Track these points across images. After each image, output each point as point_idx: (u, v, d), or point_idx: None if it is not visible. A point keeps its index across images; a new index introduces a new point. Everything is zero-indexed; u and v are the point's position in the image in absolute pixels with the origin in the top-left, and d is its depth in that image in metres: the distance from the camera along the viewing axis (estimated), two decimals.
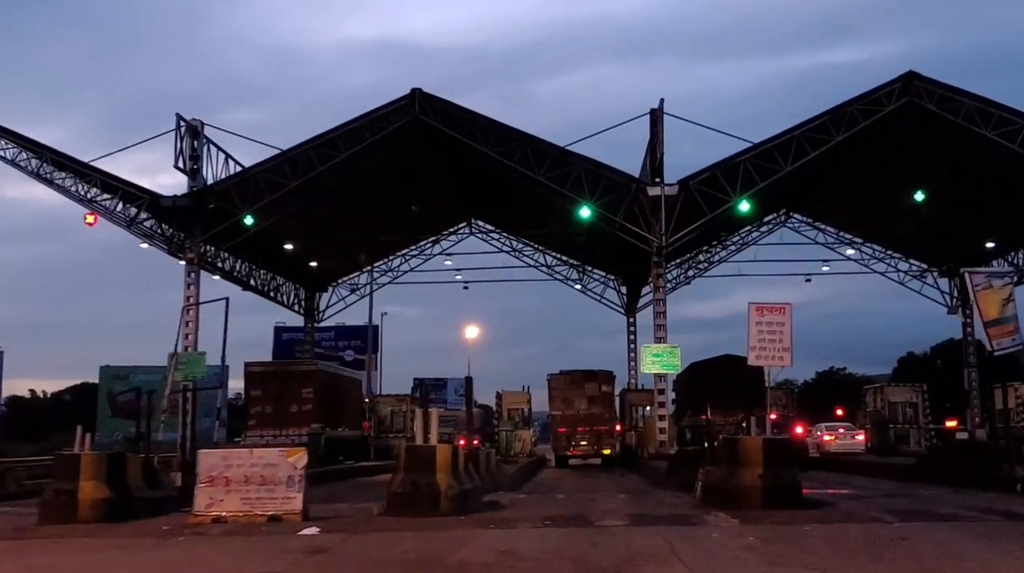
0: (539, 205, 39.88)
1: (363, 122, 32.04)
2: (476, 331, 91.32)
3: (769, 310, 15.58)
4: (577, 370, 39.04)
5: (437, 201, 42.85)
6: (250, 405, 34.52)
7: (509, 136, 31.91)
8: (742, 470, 14.42)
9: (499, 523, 13.09)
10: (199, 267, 33.61)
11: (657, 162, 32.12)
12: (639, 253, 36.17)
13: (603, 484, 23.47)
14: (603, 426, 37.79)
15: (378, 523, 13.56)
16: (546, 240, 46.98)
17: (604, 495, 18.61)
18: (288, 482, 14.17)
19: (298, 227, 38.76)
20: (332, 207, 38.55)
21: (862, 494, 17.13)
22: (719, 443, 15.66)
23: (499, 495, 18.20)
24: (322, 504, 17.74)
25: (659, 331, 32.61)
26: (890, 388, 40.68)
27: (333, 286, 49.37)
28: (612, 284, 49.30)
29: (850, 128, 31.27)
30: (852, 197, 43.02)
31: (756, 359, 15.55)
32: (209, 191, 32.38)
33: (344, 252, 45.40)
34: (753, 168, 31.33)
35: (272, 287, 44.25)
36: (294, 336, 60.42)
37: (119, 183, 32.26)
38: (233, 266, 40.21)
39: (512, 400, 41.78)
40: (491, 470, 20.31)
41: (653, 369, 32.44)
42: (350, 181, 36.14)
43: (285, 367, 35.00)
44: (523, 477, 24.73)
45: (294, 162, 32.27)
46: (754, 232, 48.16)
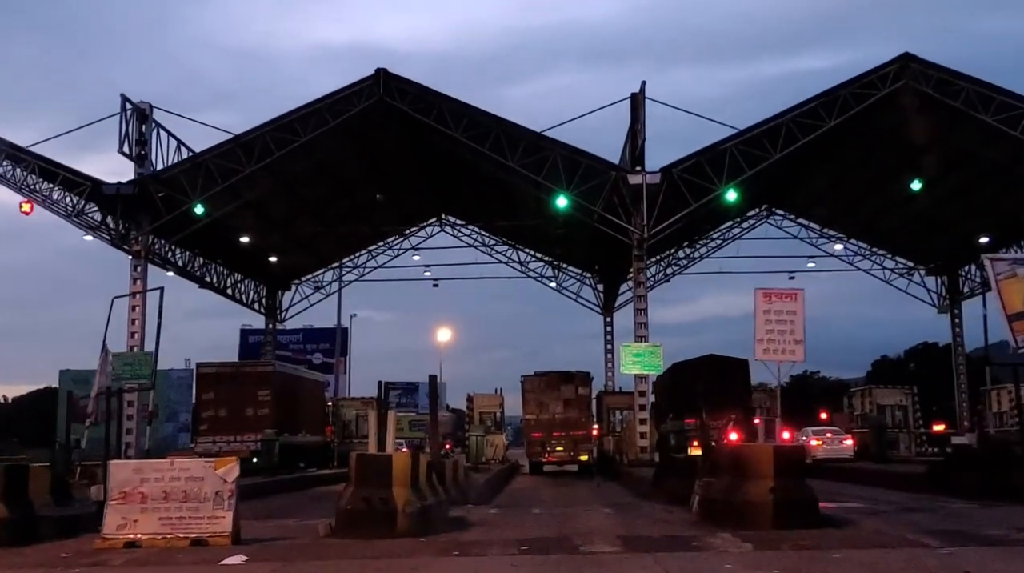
0: (513, 197, 37.86)
1: (324, 104, 29.90)
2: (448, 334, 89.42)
3: (779, 297, 13.53)
4: (552, 371, 36.61)
5: (405, 193, 40.72)
6: (201, 409, 32.11)
7: (480, 120, 29.85)
8: (749, 483, 12.36)
9: (465, 548, 10.97)
10: (146, 261, 31.29)
11: (638, 150, 30.20)
12: (618, 247, 34.23)
13: (583, 495, 21.36)
14: (580, 431, 35.37)
15: (320, 548, 11.40)
16: (520, 235, 44.91)
17: (586, 509, 16.51)
18: (216, 499, 11.95)
19: (255, 219, 36.46)
20: (292, 198, 36.31)
21: (877, 508, 15.16)
22: (721, 451, 13.61)
23: (467, 510, 16.05)
24: (266, 521, 15.59)
25: (640, 329, 30.71)
26: (879, 390, 38.92)
27: (296, 284, 47.09)
28: (589, 282, 47.30)
29: (843, 113, 29.50)
30: (838, 191, 41.35)
31: (764, 353, 13.49)
32: (156, 178, 30.07)
33: (306, 247, 43.11)
34: (740, 155, 29.51)
35: (230, 284, 41.81)
36: (261, 338, 58.21)
37: (58, 169, 29.88)
38: (188, 261, 37.80)
39: (484, 403, 39.61)
40: (459, 480, 18.20)
41: (633, 370, 30.51)
42: (311, 170, 33.91)
43: (240, 368, 32.60)
44: (495, 487, 22.59)
45: (249, 147, 30.04)
46: (735, 228, 46.43)
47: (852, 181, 39.32)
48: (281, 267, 43.69)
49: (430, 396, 16.44)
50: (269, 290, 45.69)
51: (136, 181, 29.90)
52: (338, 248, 45.15)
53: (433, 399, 16.56)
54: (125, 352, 30.55)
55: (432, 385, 16.37)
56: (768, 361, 13.64)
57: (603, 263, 43.27)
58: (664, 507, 16.18)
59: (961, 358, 45.32)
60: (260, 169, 30.73)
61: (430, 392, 16.28)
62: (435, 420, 17.00)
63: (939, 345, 75.63)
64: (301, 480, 28.60)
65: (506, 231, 44.87)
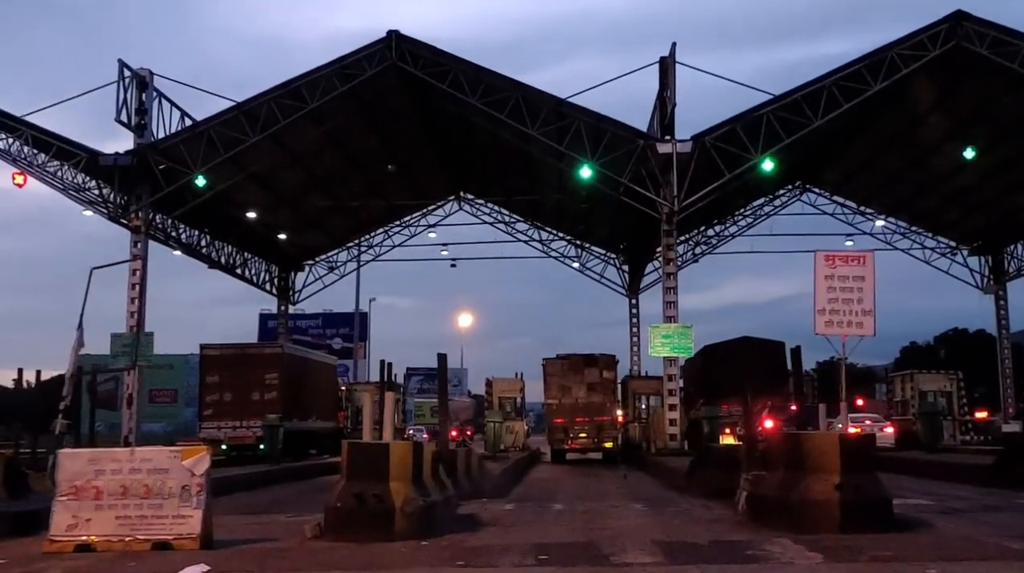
0: (534, 171, 36.01)
1: (333, 69, 28.04)
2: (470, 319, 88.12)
3: (843, 260, 11.54)
4: (576, 354, 34.36)
5: (421, 168, 38.86)
6: (206, 393, 30.49)
7: (498, 85, 27.90)
8: (810, 478, 10.46)
9: (472, 556, 9.16)
10: (147, 236, 29.63)
11: (667, 117, 28.20)
12: (645, 223, 32.35)
13: (609, 487, 19.50)
14: (604, 417, 33.19)
15: (302, 554, 9.64)
16: (541, 213, 43.00)
17: (614, 505, 14.65)
18: (182, 494, 10.19)
19: (263, 194, 34.72)
20: (301, 172, 34.53)
21: (950, 506, 13.22)
22: (775, 441, 11.72)
23: (480, 505, 14.25)
24: (255, 516, 13.89)
25: (669, 309, 28.76)
26: (921, 375, 36.69)
27: (310, 265, 45.36)
28: (613, 262, 45.30)
29: (889, 76, 27.33)
30: (876, 166, 39.09)
31: (826, 327, 11.51)
32: (155, 148, 28.36)
33: (318, 226, 41.38)
34: (778, 122, 27.42)
35: (239, 263, 40.15)
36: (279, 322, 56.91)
37: (52, 139, 28.20)
38: (194, 240, 36.15)
39: (503, 388, 37.75)
40: (471, 471, 16.42)
41: (662, 352, 28.62)
42: (321, 142, 32.11)
43: (246, 350, 30.88)
44: (512, 478, 20.76)
45: (253, 115, 28.26)
46: (767, 206, 44.34)
47: (892, 155, 37.08)
48: (293, 246, 42.02)
49: (439, 378, 14.62)
50: (281, 271, 44.02)
51: (134, 151, 28.21)
52: (352, 227, 43.44)
53: (442, 381, 14.71)
54: (123, 333, 29.11)
55: (441, 366, 14.55)
56: (831, 335, 11.69)
57: (629, 241, 41.30)
58: (702, 503, 14.33)
59: (1006, 341, 43.05)
60: (265, 139, 28.97)
61: (439, 374, 14.48)
62: (444, 405, 15.20)
63: (969, 331, 73.85)
64: (308, 468, 26.87)
65: (527, 208, 42.98)
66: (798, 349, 13.73)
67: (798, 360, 13.88)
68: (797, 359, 13.86)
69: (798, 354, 13.74)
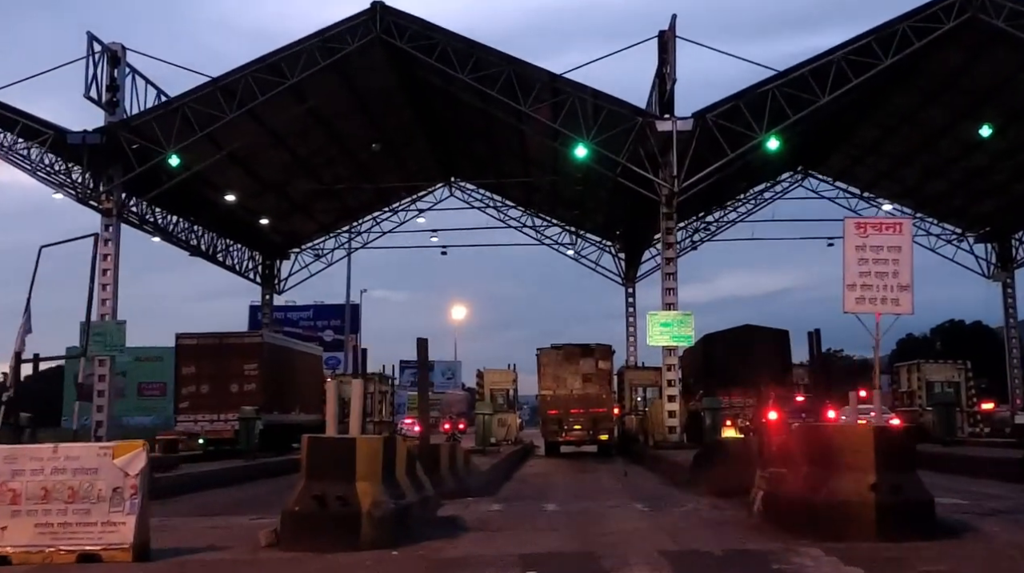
0: (527, 153, 34.65)
1: (314, 42, 26.53)
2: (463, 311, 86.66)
3: (876, 228, 10.10)
4: (570, 344, 33.24)
5: (410, 151, 37.41)
6: (182, 385, 29.08)
7: (488, 60, 26.43)
8: (840, 477, 9.07)
9: (449, 569, 7.78)
10: (119, 219, 28.13)
11: (667, 94, 26.75)
12: (642, 207, 30.94)
13: (607, 484, 18.12)
14: (600, 409, 32.09)
15: (250, 567, 8.24)
16: (535, 198, 41.61)
17: (613, 504, 13.26)
18: (113, 498, 8.76)
19: (244, 177, 33.21)
20: (284, 154, 33.03)
21: (991, 507, 11.83)
22: (798, 434, 10.34)
23: (464, 505, 12.86)
24: (212, 518, 12.49)
25: (668, 296, 27.34)
26: (928, 365, 35.39)
27: (296, 253, 43.87)
28: (609, 249, 43.86)
29: (900, 50, 25.90)
30: (882, 148, 37.71)
31: (857, 304, 10.06)
32: (126, 125, 26.84)
33: (304, 211, 39.90)
34: (783, 98, 25.98)
35: (220, 248, 38.65)
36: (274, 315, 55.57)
37: (16, 115, 26.67)
38: (171, 224, 34.65)
39: (495, 379, 36.35)
40: (457, 467, 15.03)
41: (661, 341, 27.22)
42: (303, 121, 30.60)
43: (223, 339, 29.40)
44: (502, 473, 19.37)
45: (230, 91, 26.78)
46: (767, 193, 42.98)
47: (899, 137, 35.71)
48: (277, 233, 40.55)
49: (419, 366, 13.21)
50: (266, 258, 42.53)
51: (103, 129, 26.69)
52: (339, 213, 41.97)
53: (423, 369, 13.30)
54: (96, 321, 27.65)
55: (421, 352, 13.13)
56: (862, 314, 10.27)
57: (625, 227, 39.84)
58: (711, 502, 12.95)
59: (1014, 330, 41.73)
60: (244, 117, 27.52)
61: (419, 361, 13.07)
62: (425, 394, 13.78)
63: (966, 323, 72.77)
64: (287, 464, 25.34)
65: (520, 193, 41.59)
66: (817, 333, 12.36)
67: (818, 345, 12.48)
68: (817, 344, 12.46)
69: (818, 339, 12.33)
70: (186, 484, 18.13)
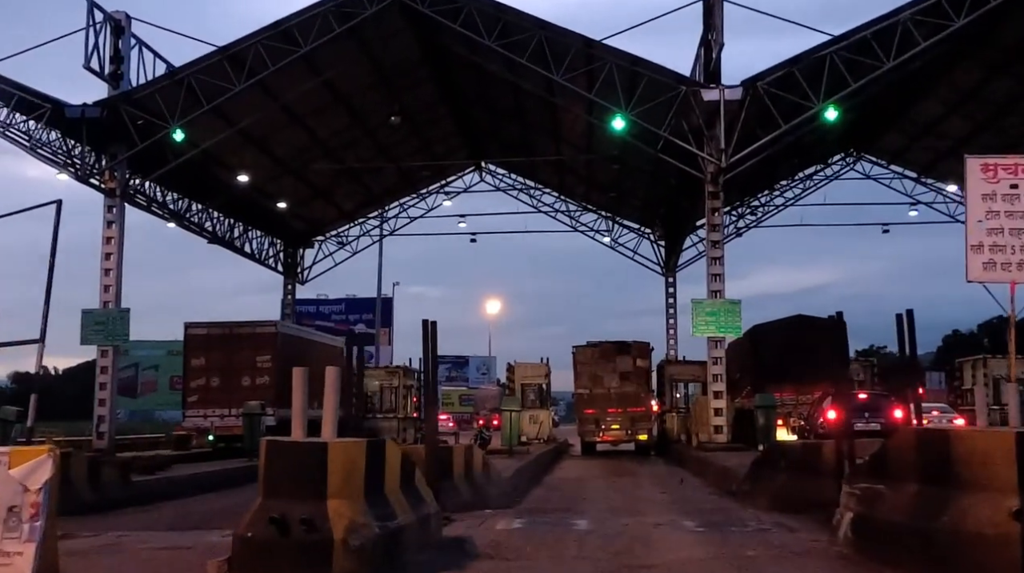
0: (559, 130, 32.44)
1: (328, 6, 24.38)
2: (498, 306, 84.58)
3: (1010, 171, 7.78)
4: (607, 341, 31.76)
5: (437, 133, 35.32)
6: (190, 378, 27.21)
7: (518, 24, 24.14)
8: (965, 499, 6.82)
9: None
10: (123, 200, 26.30)
11: (713, 62, 24.36)
12: (685, 188, 28.77)
13: (648, 492, 15.86)
14: (638, 407, 30.70)
15: None
16: (568, 182, 39.34)
17: (658, 521, 11.01)
18: (8, 520, 6.71)
19: (260, 158, 31.24)
20: (301, 132, 31.01)
21: None
22: (905, 438, 8.05)
23: (479, 520, 10.71)
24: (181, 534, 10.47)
25: (714, 283, 25.02)
26: (996, 361, 32.73)
27: (319, 241, 41.98)
28: (648, 236, 41.47)
29: (975, 9, 23.24)
30: (943, 128, 34.95)
31: (985, 271, 7.68)
32: (128, 98, 24.94)
33: (326, 196, 37.88)
34: (843, 64, 23.48)
35: (238, 236, 36.79)
36: (306, 309, 54.27)
37: (12, 88, 24.86)
38: (183, 207, 32.81)
39: (527, 374, 34.19)
40: (472, 474, 12.88)
41: (707, 332, 24.89)
42: (320, 95, 28.57)
43: (235, 329, 27.43)
44: (529, 479, 17.18)
45: (238, 60, 24.76)
46: (817, 176, 40.45)
47: (963, 113, 33.01)
48: (299, 218, 38.61)
49: (424, 352, 11.08)
50: (287, 246, 40.65)
51: (104, 102, 24.82)
52: (364, 199, 40.01)
53: (428, 355, 11.13)
54: (97, 310, 25.88)
55: (428, 335, 10.97)
56: (990, 283, 7.94)
57: (666, 211, 37.41)
58: (776, 520, 10.70)
59: None
60: (255, 90, 25.53)
61: (424, 347, 10.93)
62: (432, 386, 11.60)
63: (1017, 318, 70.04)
64: None
65: (553, 178, 39.35)
66: (909, 315, 9.99)
67: (910, 329, 10.12)
68: (909, 328, 10.11)
69: (910, 323, 10.00)
70: (175, 488, 16.21)
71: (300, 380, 7.97)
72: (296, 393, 7.94)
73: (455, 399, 77.19)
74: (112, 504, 13.41)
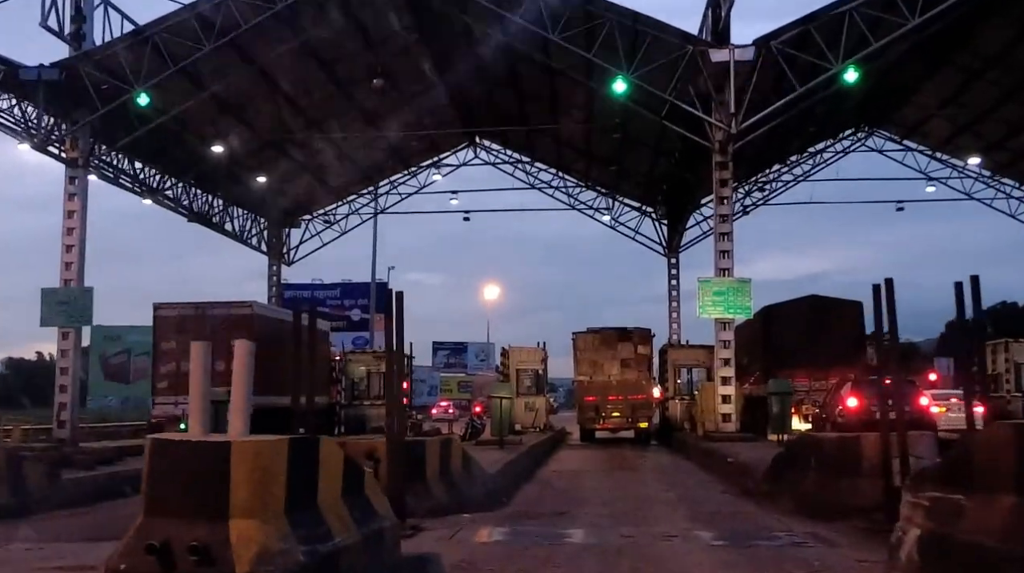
0: (556, 99, 30.50)
1: None
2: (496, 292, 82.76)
3: None
4: (608, 327, 30.76)
5: (426, 102, 33.25)
6: (160, 362, 25.25)
7: None
8: None
9: None
10: (85, 170, 24.44)
11: (722, 20, 22.50)
12: (690, 158, 26.91)
13: (652, 489, 14.03)
14: (639, 395, 29.61)
15: None
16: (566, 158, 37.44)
17: (667, 534, 9.15)
18: None
19: (235, 126, 29.26)
20: (280, 99, 29.06)
21: None
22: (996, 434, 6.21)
23: (454, 528, 8.91)
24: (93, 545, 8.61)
25: (723, 260, 23.22)
26: (1018, 345, 30.95)
27: (306, 220, 40.15)
28: (650, 214, 39.56)
29: None
30: (963, 98, 33.02)
31: None
32: (88, 58, 23.04)
33: (310, 171, 35.91)
34: (864, 22, 21.59)
35: (217, 211, 34.90)
36: (301, 294, 52.54)
37: None
38: (158, 181, 30.91)
39: (522, 358, 32.34)
40: (450, 471, 11.06)
41: (714, 313, 23.13)
42: (300, 61, 26.62)
43: (207, 310, 25.55)
44: (519, 474, 15.33)
45: (208, 19, 22.82)
46: (826, 152, 38.58)
47: (985, 83, 31.08)
48: (281, 195, 36.65)
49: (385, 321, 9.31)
50: (272, 226, 38.79)
51: (63, 63, 22.93)
52: (352, 176, 38.11)
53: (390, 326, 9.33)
54: (58, 288, 24.08)
55: (390, 304, 9.18)
56: None
57: (669, 187, 35.48)
58: (808, 529, 8.91)
59: None
60: (229, 52, 23.69)
61: (386, 316, 9.17)
62: (398, 367, 9.82)
63: (1019, 305, 68.27)
64: None
65: (551, 154, 37.45)
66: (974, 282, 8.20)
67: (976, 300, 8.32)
68: (975, 299, 8.31)
69: (976, 291, 8.22)
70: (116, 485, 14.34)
71: (200, 356, 6.18)
72: (195, 374, 6.16)
73: (454, 386, 75.89)
74: (35, 506, 11.61)
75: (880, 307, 8.93)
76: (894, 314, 8.69)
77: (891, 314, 8.67)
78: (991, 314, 71.78)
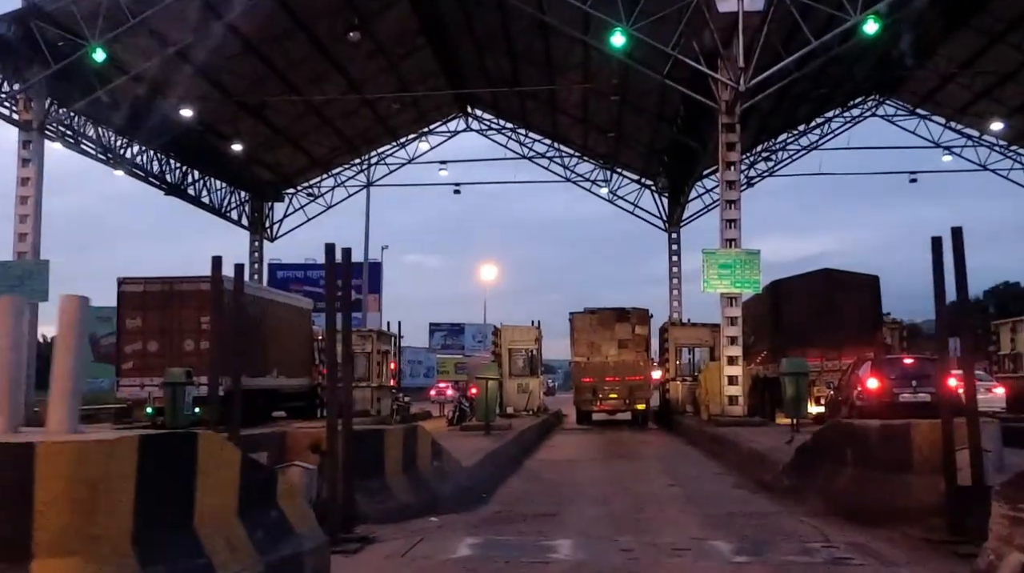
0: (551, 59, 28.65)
1: None
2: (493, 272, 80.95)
3: None
4: (606, 308, 29.70)
5: (413, 67, 31.44)
6: (125, 341, 23.54)
7: None
8: None
9: None
10: (40, 135, 22.59)
11: None
12: (694, 122, 25.02)
13: (654, 483, 12.25)
14: (637, 376, 28.35)
15: None
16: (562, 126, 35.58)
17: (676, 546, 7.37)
18: None
19: (206, 88, 27.37)
20: (255, 61, 27.11)
21: None
22: None
23: (410, 542, 7.19)
24: None
25: (729, 230, 21.45)
26: None
27: (290, 194, 38.35)
28: (649, 187, 37.73)
29: None
30: (979, 64, 31.18)
31: None
32: (39, 12, 21.15)
33: (291, 140, 34.00)
34: None
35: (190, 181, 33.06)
36: (292, 274, 50.89)
37: None
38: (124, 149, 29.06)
39: (515, 338, 30.60)
40: (419, 465, 9.34)
41: (720, 287, 21.37)
42: (274, 17, 24.65)
43: (176, 286, 23.75)
44: (502, 465, 13.58)
45: None
46: (835, 121, 36.83)
47: (992, 53, 29.37)
48: (261, 165, 34.87)
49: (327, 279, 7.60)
50: (255, 199, 36.98)
51: (11, 15, 21.06)
52: (336, 146, 36.28)
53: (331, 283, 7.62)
54: (12, 261, 22.34)
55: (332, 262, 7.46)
56: None
57: (671, 155, 33.57)
58: (849, 539, 7.19)
59: None
60: (193, 5, 21.78)
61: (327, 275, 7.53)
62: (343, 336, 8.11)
63: (1021, 285, 67.09)
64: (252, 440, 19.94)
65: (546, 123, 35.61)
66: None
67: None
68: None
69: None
70: None
71: (63, 339, 4.43)
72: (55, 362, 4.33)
73: (450, 367, 74.65)
74: None
75: (941, 264, 7.15)
76: (963, 271, 6.91)
77: (960, 272, 6.88)
78: (994, 293, 70.69)
